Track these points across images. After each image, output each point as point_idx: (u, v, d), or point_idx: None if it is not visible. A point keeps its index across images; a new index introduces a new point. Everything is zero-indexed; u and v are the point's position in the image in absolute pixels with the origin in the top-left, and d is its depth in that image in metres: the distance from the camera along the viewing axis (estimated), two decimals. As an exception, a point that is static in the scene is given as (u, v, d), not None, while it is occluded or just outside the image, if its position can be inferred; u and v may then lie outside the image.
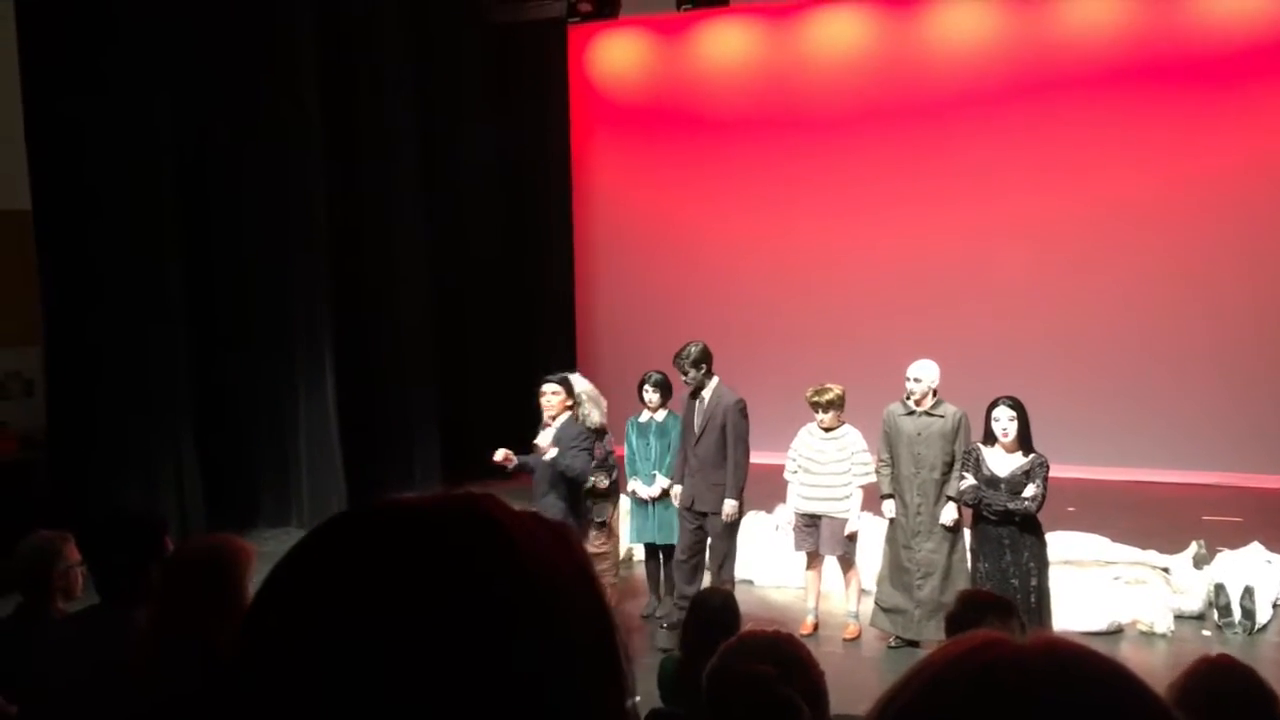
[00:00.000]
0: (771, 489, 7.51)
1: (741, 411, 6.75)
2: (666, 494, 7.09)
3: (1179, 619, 6.97)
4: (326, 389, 9.77)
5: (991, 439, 6.17)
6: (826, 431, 6.82)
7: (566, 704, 0.68)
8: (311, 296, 9.70)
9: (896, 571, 6.56)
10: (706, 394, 6.82)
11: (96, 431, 8.51)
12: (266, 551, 2.73)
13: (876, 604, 6.71)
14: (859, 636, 6.87)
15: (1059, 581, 7.15)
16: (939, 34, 11.72)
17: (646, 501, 7.14)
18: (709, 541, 6.90)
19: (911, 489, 6.45)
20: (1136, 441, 10.91)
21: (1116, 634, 6.83)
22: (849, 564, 6.94)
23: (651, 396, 7.16)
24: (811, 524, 6.85)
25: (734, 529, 6.87)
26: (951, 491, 6.35)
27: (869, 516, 6.99)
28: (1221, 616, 6.94)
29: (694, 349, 6.80)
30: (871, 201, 11.75)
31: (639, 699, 5.46)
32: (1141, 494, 10.24)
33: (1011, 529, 6.05)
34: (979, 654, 0.70)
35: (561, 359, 10.72)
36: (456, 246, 11.60)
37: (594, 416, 7.15)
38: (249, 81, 9.34)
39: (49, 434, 8.88)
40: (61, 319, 8.51)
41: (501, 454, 6.45)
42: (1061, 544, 7.96)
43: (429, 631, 0.66)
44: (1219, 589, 7.04)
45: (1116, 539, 7.98)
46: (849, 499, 6.76)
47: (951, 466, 6.38)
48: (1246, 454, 10.66)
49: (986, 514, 6.12)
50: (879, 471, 6.63)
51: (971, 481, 6.17)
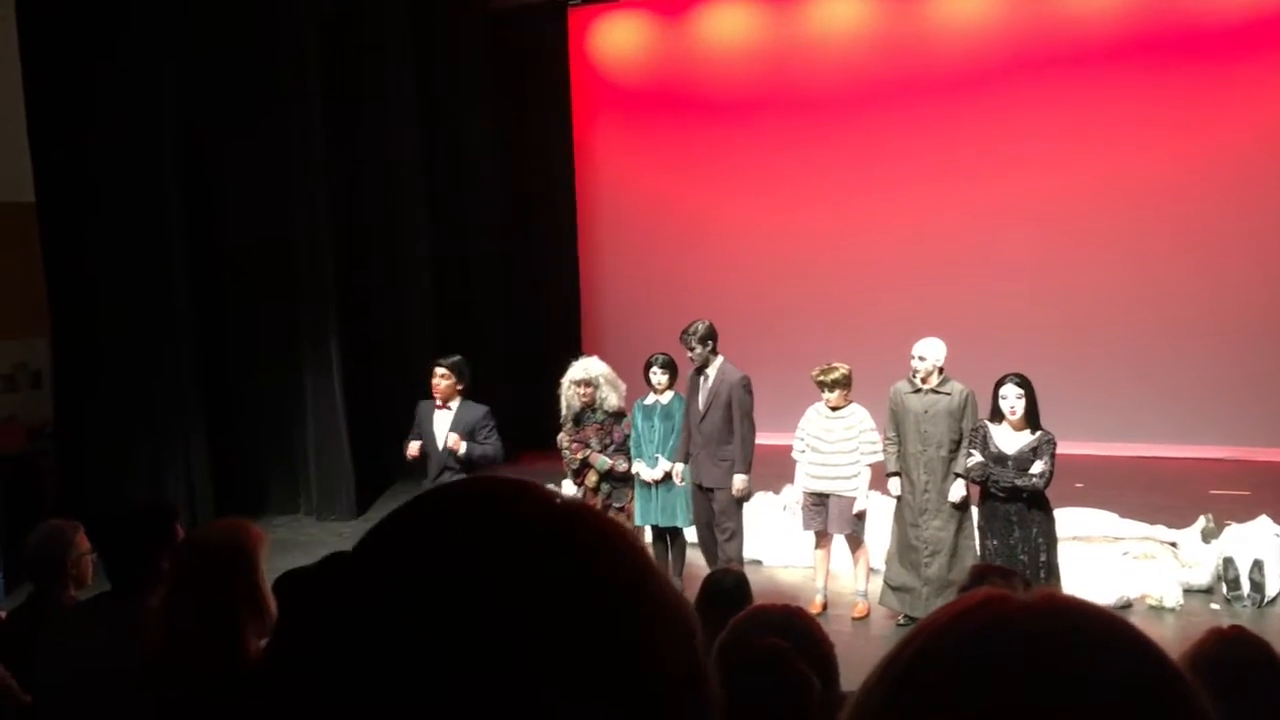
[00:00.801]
0: (778, 469, 7.52)
1: (746, 388, 6.81)
2: (669, 476, 7.10)
3: (1188, 593, 6.97)
4: (333, 376, 9.77)
5: (999, 416, 6.16)
6: (833, 410, 6.81)
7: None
8: (317, 284, 9.70)
9: (904, 550, 6.56)
10: (711, 371, 6.89)
11: (104, 422, 8.53)
12: (276, 539, 2.74)
13: (885, 582, 6.71)
14: (867, 615, 6.88)
15: (1068, 558, 7.15)
16: (943, 12, 11.65)
17: (650, 484, 7.15)
18: (715, 521, 6.94)
19: (919, 467, 6.44)
20: (1144, 417, 10.90)
21: (1125, 609, 6.83)
22: (857, 543, 6.94)
23: (660, 378, 7.14)
24: (820, 503, 6.86)
25: (740, 505, 6.93)
26: (959, 469, 6.34)
27: (877, 495, 6.99)
28: (1230, 590, 6.94)
29: (700, 325, 6.87)
30: (876, 181, 11.71)
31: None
32: (1149, 469, 10.24)
33: (1019, 506, 6.05)
34: (979, 610, 0.69)
35: (567, 344, 10.72)
36: (460, 232, 11.58)
37: (611, 400, 7.17)
38: (251, 73, 9.33)
39: (57, 425, 8.91)
40: (67, 311, 8.53)
41: (415, 447, 6.56)
42: (1070, 520, 7.97)
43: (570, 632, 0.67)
44: (1228, 563, 7.04)
45: (1125, 514, 7.99)
46: (857, 478, 6.76)
47: (959, 444, 6.37)
48: (1254, 428, 10.65)
49: (994, 491, 6.12)
50: (885, 450, 6.63)
51: (979, 459, 6.17)
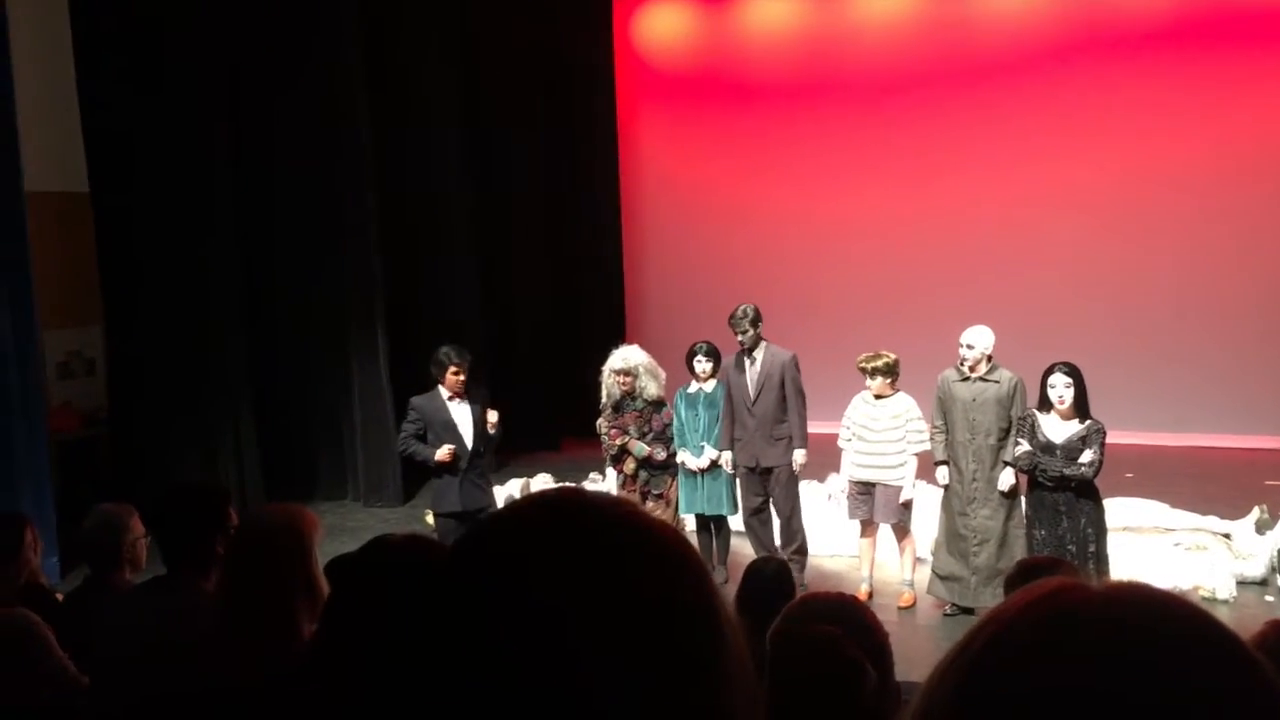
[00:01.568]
0: (824, 458, 7.49)
1: (797, 365, 6.99)
2: (716, 465, 7.11)
3: (1241, 585, 6.87)
4: (380, 363, 9.86)
5: (1047, 405, 6.09)
6: (878, 399, 6.78)
7: None
8: (364, 271, 9.78)
9: (953, 539, 6.52)
10: (759, 354, 6.98)
11: (156, 408, 8.66)
12: (324, 525, 2.78)
13: (933, 571, 6.67)
14: (914, 604, 6.84)
15: (1118, 549, 7.06)
16: (988, -3, 11.52)
17: (696, 473, 7.15)
18: (774, 497, 7.06)
19: (967, 456, 6.39)
20: (1196, 407, 10.74)
21: (1177, 601, 6.73)
22: (904, 532, 6.91)
23: (705, 366, 7.15)
24: (866, 492, 6.83)
25: (797, 480, 7.08)
26: (1008, 458, 6.29)
27: (924, 484, 6.95)
28: (1285, 582, 6.83)
29: (750, 308, 6.97)
30: (921, 168, 11.60)
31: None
32: (1202, 460, 10.09)
33: (1068, 495, 5.98)
34: (1052, 598, 0.69)
35: (610, 331, 10.73)
36: (504, 220, 11.62)
37: (651, 388, 7.18)
38: (297, 58, 9.40)
39: (110, 411, 9.06)
40: (120, 299, 8.66)
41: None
42: (1121, 510, 7.87)
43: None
44: (1282, 554, 6.93)
45: (1176, 505, 7.87)
46: (903, 466, 6.72)
47: (1007, 433, 6.32)
48: (1310, 418, 10.46)
49: (1042, 480, 6.06)
50: (933, 438, 6.58)
51: (1027, 447, 6.11)
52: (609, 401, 7.32)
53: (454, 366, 6.57)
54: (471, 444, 6.62)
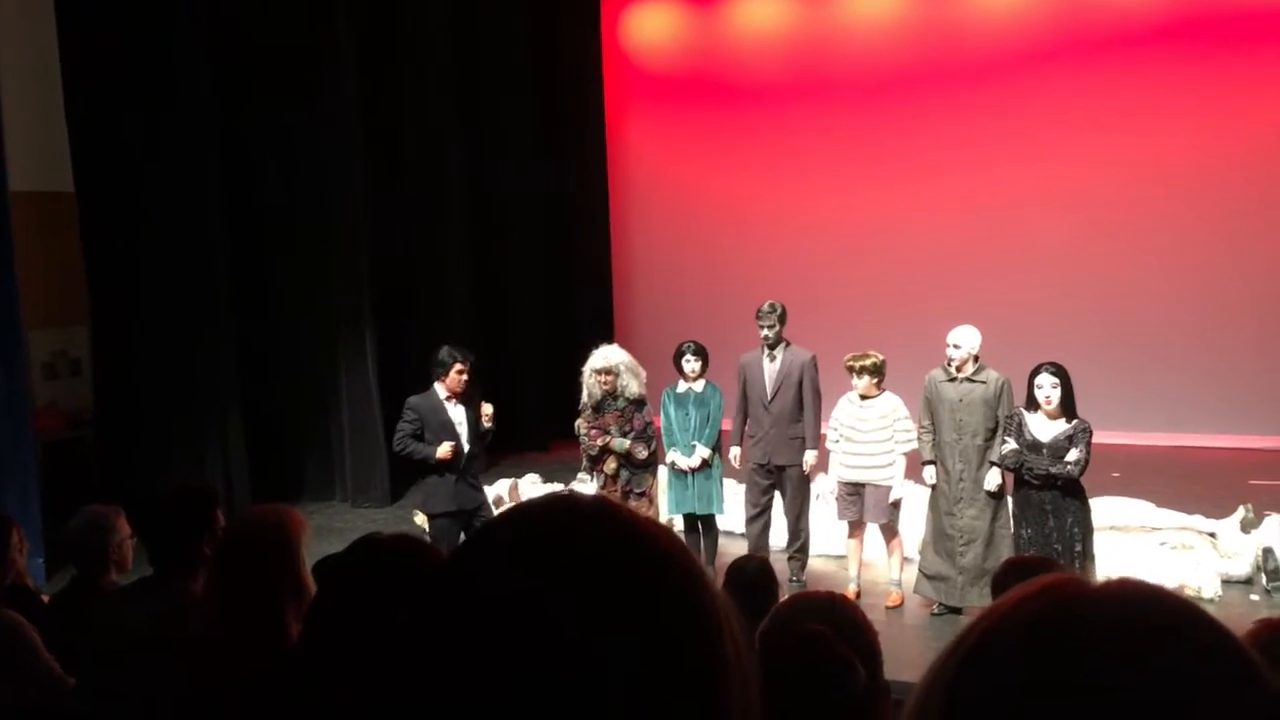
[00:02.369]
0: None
1: (816, 366, 7.02)
2: (706, 464, 7.12)
3: (1226, 584, 6.90)
4: (368, 364, 9.84)
5: (1034, 405, 6.12)
6: (864, 399, 6.79)
7: None
8: (353, 272, 9.76)
9: (939, 538, 6.54)
10: (780, 352, 7.01)
11: (142, 409, 8.63)
12: (311, 525, 2.77)
13: (920, 571, 6.69)
14: (902, 604, 6.86)
15: (1104, 548, 7.09)
16: (976, -3, 11.55)
17: (685, 472, 7.15)
18: (784, 495, 7.10)
19: (954, 456, 6.41)
20: (1182, 406, 10.79)
21: (1163, 599, 6.77)
22: (892, 532, 6.92)
23: (693, 365, 7.17)
24: (855, 493, 6.84)
25: (807, 481, 7.12)
26: (994, 457, 6.31)
27: (911, 484, 6.97)
28: (1270, 580, 6.86)
29: (779, 304, 7.06)
30: (909, 169, 11.63)
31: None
32: (1187, 459, 10.14)
33: (1054, 494, 6.01)
34: (1047, 593, 0.69)
35: (599, 332, 10.72)
36: (493, 221, 11.61)
37: (632, 387, 7.18)
38: (289, 56, 9.37)
39: (96, 412, 9.02)
40: (106, 299, 8.62)
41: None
42: (1107, 510, 7.90)
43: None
44: (1267, 553, 6.97)
45: (1162, 504, 7.90)
46: (892, 466, 6.74)
47: (994, 432, 6.34)
48: (1294, 418, 10.51)
49: (1028, 479, 6.08)
50: (920, 438, 6.60)
51: (1013, 446, 6.13)
52: (589, 402, 7.32)
53: (458, 365, 6.59)
54: (468, 444, 6.62)
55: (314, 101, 9.45)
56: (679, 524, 7.76)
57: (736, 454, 7.17)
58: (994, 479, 6.33)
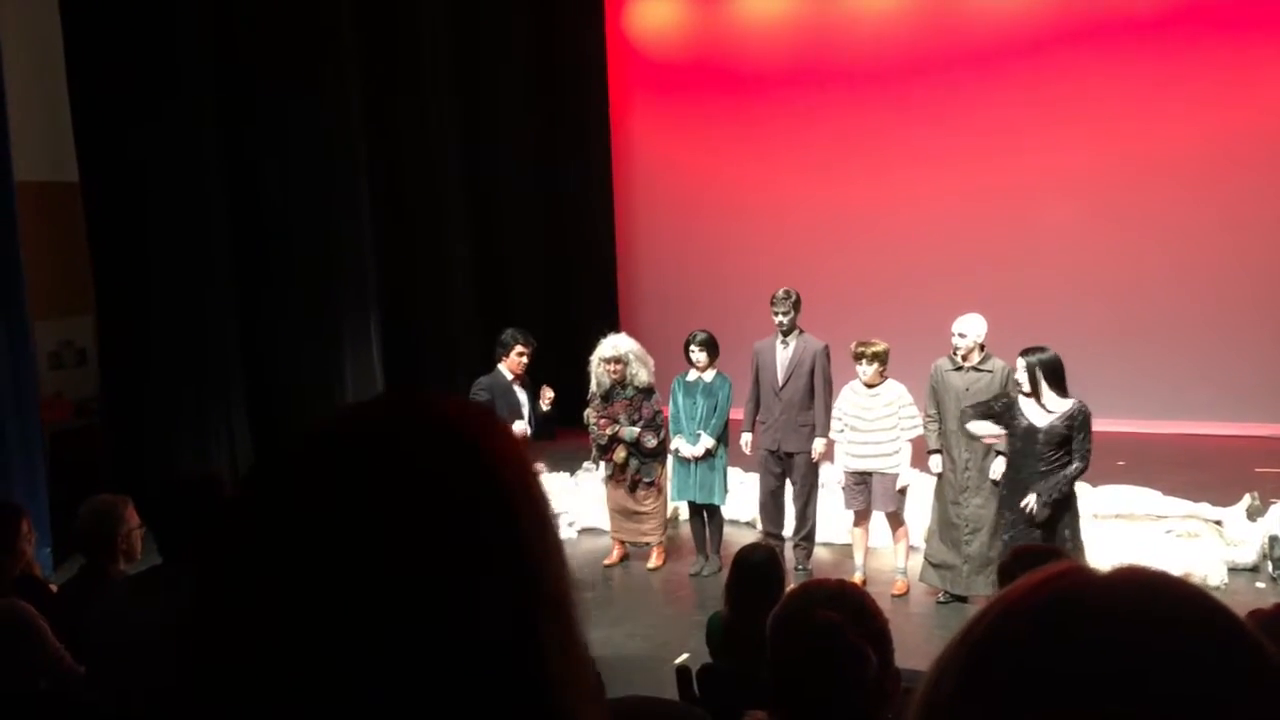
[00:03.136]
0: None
1: (828, 355, 7.05)
2: (710, 454, 7.14)
3: (1233, 571, 6.91)
4: (373, 354, 9.85)
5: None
6: (869, 388, 6.79)
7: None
8: (357, 262, 9.77)
9: (945, 527, 6.54)
10: (793, 340, 7.05)
11: (149, 398, 8.64)
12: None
13: (925, 559, 6.70)
14: (907, 592, 6.87)
15: (1110, 536, 7.11)
16: (982, -17, 11.50)
17: (689, 460, 7.17)
18: (792, 483, 7.13)
19: (960, 444, 6.41)
20: (1188, 394, 10.77)
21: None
22: (898, 520, 6.93)
23: (699, 356, 7.18)
24: (862, 482, 6.85)
25: (816, 469, 7.14)
26: (1000, 446, 6.31)
27: (917, 473, 6.97)
28: (1276, 568, 6.87)
29: (794, 291, 7.08)
30: (916, 156, 11.60)
31: (687, 656, 5.51)
32: (1193, 447, 10.12)
33: (1040, 481, 5.93)
34: (1057, 581, 0.69)
35: (605, 321, 10.72)
36: (496, 210, 11.61)
37: (641, 376, 7.20)
38: (290, 46, 9.36)
39: (102, 401, 9.04)
40: (112, 288, 8.62)
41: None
42: (1113, 498, 7.91)
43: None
44: (1273, 541, 6.97)
45: (1168, 492, 7.91)
46: (898, 454, 6.75)
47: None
48: (1301, 406, 10.50)
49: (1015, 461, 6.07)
50: (926, 427, 6.60)
51: (993, 429, 6.16)
52: (598, 391, 7.34)
53: (520, 347, 6.67)
54: (529, 427, 6.72)
55: (317, 90, 9.44)
56: (684, 512, 7.79)
57: (748, 440, 7.18)
58: (999, 468, 6.32)
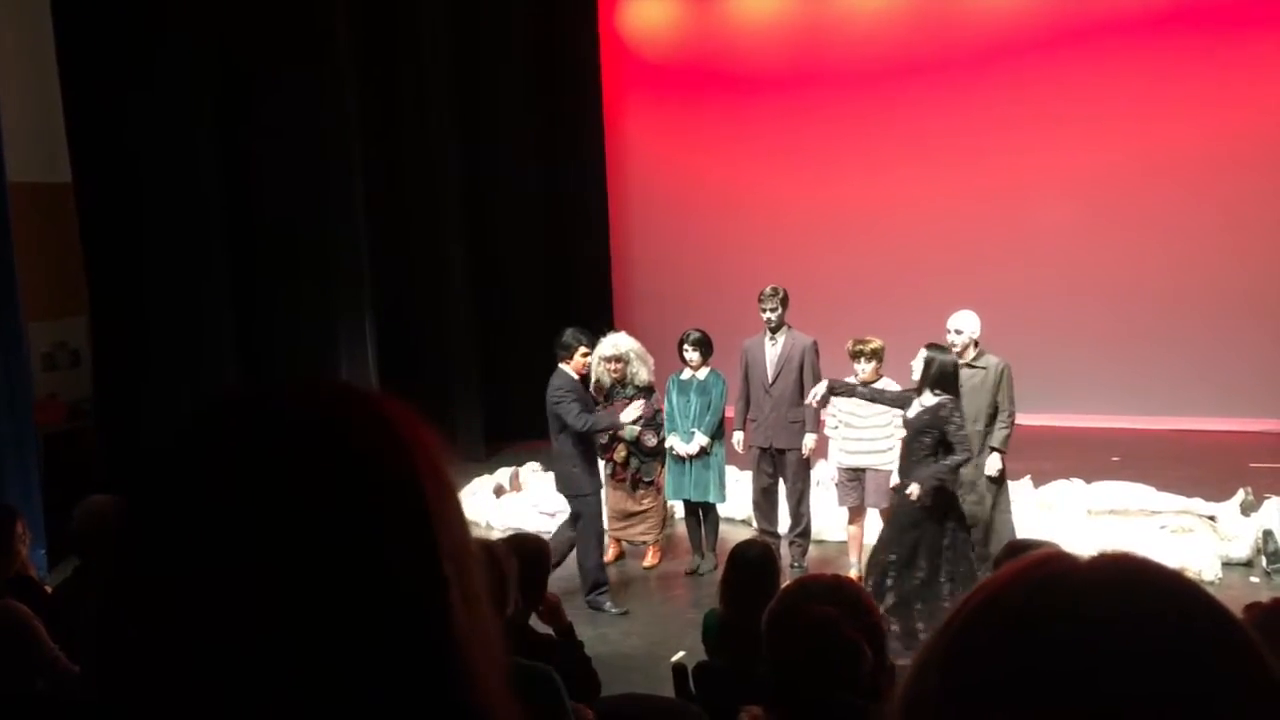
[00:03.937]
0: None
1: (817, 351, 7.07)
2: (705, 452, 7.15)
3: (1227, 566, 6.92)
4: (369, 354, 9.84)
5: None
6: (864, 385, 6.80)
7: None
8: (353, 262, 9.75)
9: (940, 524, 6.54)
10: (781, 337, 7.07)
11: (143, 398, 8.63)
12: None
13: (920, 556, 6.70)
14: (903, 589, 6.87)
15: (1105, 532, 7.13)
16: (974, -19, 11.51)
17: (684, 459, 7.18)
18: (785, 480, 7.15)
19: (954, 441, 6.41)
20: (1182, 390, 10.79)
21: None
22: (892, 517, 6.94)
23: (692, 355, 7.19)
24: (855, 478, 6.86)
25: (808, 465, 7.17)
26: (994, 442, 6.32)
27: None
28: (1270, 563, 6.88)
29: (781, 289, 7.09)
30: (910, 155, 11.60)
31: (683, 654, 5.51)
32: (1187, 442, 10.14)
33: (915, 470, 5.91)
34: (1041, 566, 0.70)
35: (600, 321, 10.72)
36: (491, 209, 11.59)
37: (642, 374, 7.21)
38: (285, 42, 9.34)
39: (96, 403, 9.02)
40: (106, 289, 8.60)
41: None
42: (1107, 494, 7.93)
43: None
44: (1267, 535, 6.98)
45: (1162, 488, 7.93)
46: (892, 450, 6.75)
47: (994, 418, 6.35)
48: (1294, 401, 10.52)
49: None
50: (920, 424, 6.60)
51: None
52: (599, 389, 7.35)
53: (583, 348, 6.68)
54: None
55: (313, 89, 9.42)
56: (679, 511, 7.80)
57: (740, 439, 7.19)
58: (994, 464, 6.34)
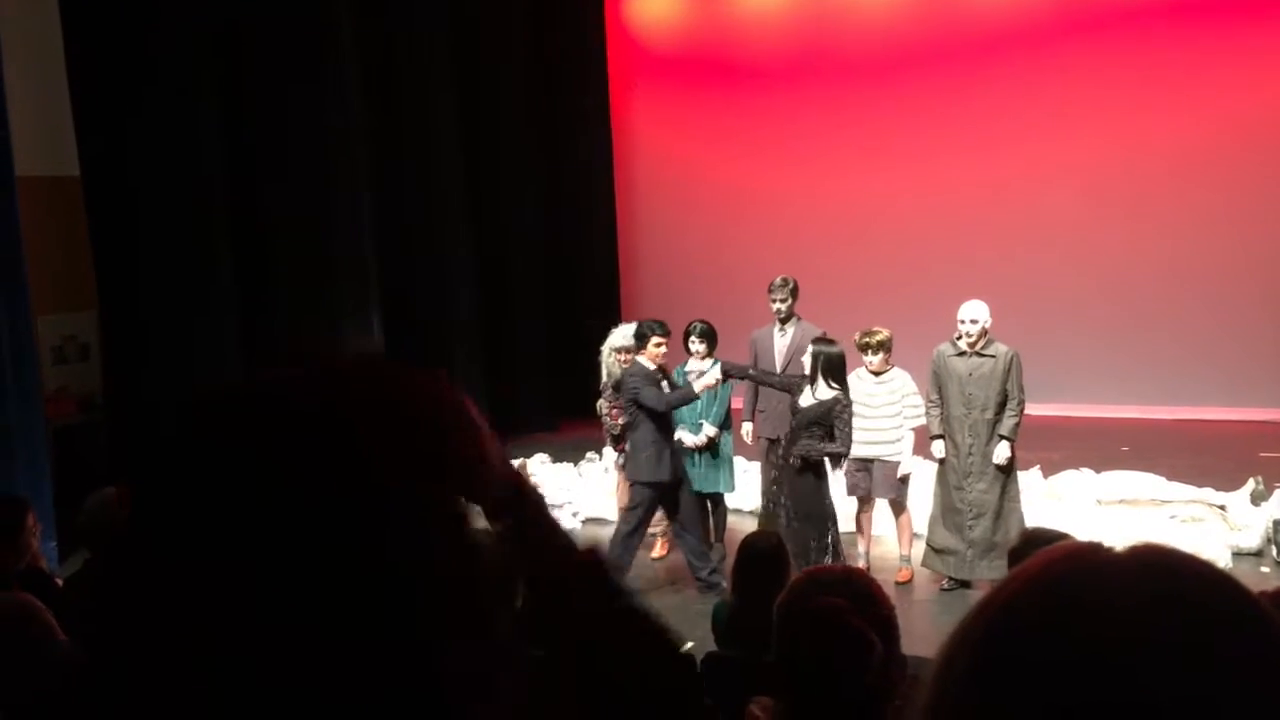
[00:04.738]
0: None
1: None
2: (714, 443, 7.14)
3: (1237, 556, 6.90)
4: (374, 346, 9.84)
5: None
6: (875, 375, 6.80)
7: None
8: (358, 254, 9.77)
9: (949, 512, 6.54)
10: (791, 327, 7.07)
11: (153, 391, 8.64)
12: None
13: (929, 545, 6.70)
14: (911, 580, 6.87)
15: (1115, 521, 7.11)
16: (982, -31, 11.47)
17: (693, 450, 7.17)
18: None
19: (963, 430, 6.41)
20: (1192, 380, 10.76)
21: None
22: (901, 508, 6.93)
23: (698, 346, 7.17)
24: (864, 468, 6.85)
25: None
26: (1004, 431, 6.31)
27: (919, 460, 6.98)
28: (1280, 553, 6.87)
29: (791, 279, 7.11)
30: (916, 147, 11.58)
31: (691, 645, 5.51)
32: (1197, 432, 10.11)
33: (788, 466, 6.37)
34: (1070, 559, 0.69)
35: (607, 312, 10.72)
36: (497, 202, 11.59)
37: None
38: (289, 41, 9.34)
39: (106, 396, 9.04)
40: (114, 283, 8.62)
41: None
42: (1117, 483, 7.91)
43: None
44: (1277, 525, 6.97)
45: (1172, 478, 7.91)
46: (901, 441, 6.75)
47: (1003, 406, 6.34)
48: (1304, 390, 10.49)
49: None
50: (929, 413, 6.60)
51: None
52: (609, 381, 7.34)
53: (656, 338, 6.68)
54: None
55: (316, 83, 9.43)
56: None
57: (749, 429, 7.19)
58: (1003, 452, 6.33)
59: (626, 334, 7.27)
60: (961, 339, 6.43)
